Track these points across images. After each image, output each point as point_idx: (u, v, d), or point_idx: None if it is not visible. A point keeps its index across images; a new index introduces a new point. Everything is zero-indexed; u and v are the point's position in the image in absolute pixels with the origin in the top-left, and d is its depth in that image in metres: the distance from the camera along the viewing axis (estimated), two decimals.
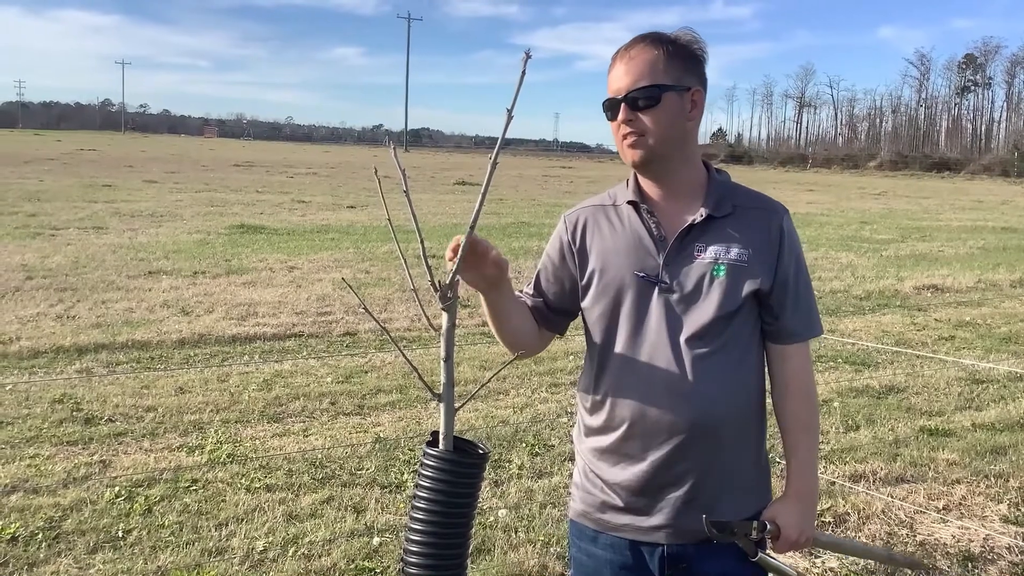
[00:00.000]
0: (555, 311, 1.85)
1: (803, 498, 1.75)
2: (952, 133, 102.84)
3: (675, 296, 1.67)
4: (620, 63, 1.68)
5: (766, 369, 1.78)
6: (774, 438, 1.82)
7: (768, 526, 1.71)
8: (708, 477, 1.68)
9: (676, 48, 1.67)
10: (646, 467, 1.69)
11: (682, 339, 1.65)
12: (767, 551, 1.74)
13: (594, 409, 1.76)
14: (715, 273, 1.66)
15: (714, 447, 1.67)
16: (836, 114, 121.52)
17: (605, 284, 1.72)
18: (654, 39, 1.68)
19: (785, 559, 1.85)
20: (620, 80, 1.67)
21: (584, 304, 1.78)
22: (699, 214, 1.69)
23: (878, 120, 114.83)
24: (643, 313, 1.68)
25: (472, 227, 1.54)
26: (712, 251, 1.67)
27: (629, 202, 1.74)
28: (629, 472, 1.71)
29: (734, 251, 1.67)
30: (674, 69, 1.66)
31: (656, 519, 1.70)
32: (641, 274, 1.69)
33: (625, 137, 1.68)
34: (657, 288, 1.68)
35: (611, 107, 1.69)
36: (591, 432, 1.78)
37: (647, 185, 1.75)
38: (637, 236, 1.72)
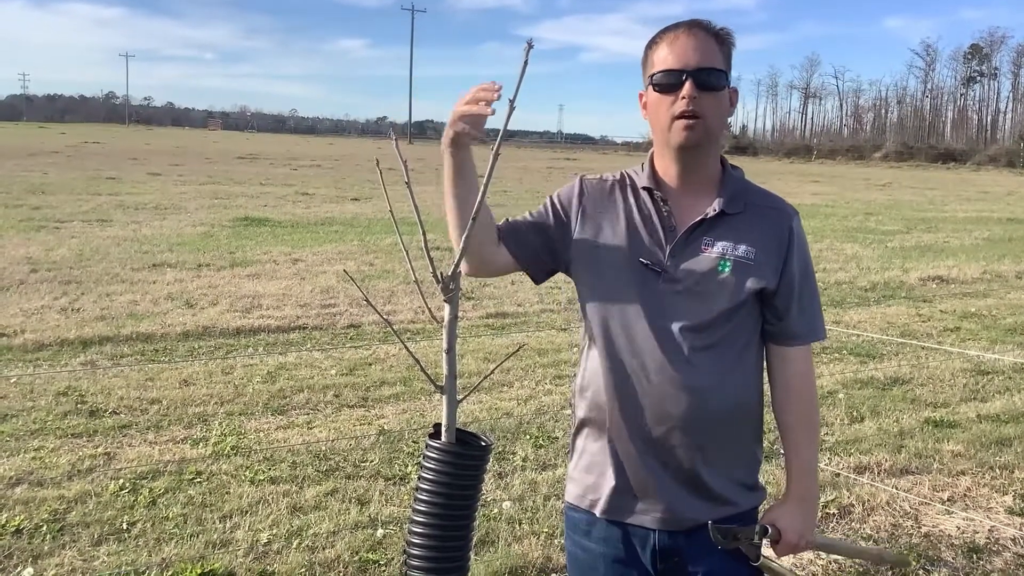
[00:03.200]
0: (527, 237, 1.76)
1: (804, 501, 1.74)
2: (958, 124, 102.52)
3: (677, 287, 1.66)
4: (684, 37, 1.63)
5: (764, 370, 1.77)
6: (772, 435, 1.81)
7: (769, 530, 1.71)
8: (700, 467, 1.68)
9: (726, 45, 1.67)
10: (638, 454, 1.68)
11: (680, 330, 1.64)
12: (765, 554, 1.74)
13: (589, 393, 1.75)
14: (720, 268, 1.65)
15: (706, 439, 1.66)
16: (841, 105, 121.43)
17: (607, 264, 1.70)
18: (709, 29, 1.66)
19: (784, 560, 1.84)
20: (687, 55, 1.61)
21: (581, 279, 1.75)
22: (712, 208, 1.67)
23: (883, 111, 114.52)
24: (643, 300, 1.66)
25: (474, 219, 1.53)
26: (720, 246, 1.66)
27: (644, 188, 1.73)
28: (621, 458, 1.70)
29: (742, 248, 1.66)
30: (726, 64, 1.67)
31: (647, 506, 1.70)
32: (646, 261, 1.67)
33: (682, 115, 1.62)
34: (660, 277, 1.66)
35: (672, 80, 1.62)
36: (585, 417, 1.77)
37: (665, 173, 1.72)
38: (648, 222, 1.70)
